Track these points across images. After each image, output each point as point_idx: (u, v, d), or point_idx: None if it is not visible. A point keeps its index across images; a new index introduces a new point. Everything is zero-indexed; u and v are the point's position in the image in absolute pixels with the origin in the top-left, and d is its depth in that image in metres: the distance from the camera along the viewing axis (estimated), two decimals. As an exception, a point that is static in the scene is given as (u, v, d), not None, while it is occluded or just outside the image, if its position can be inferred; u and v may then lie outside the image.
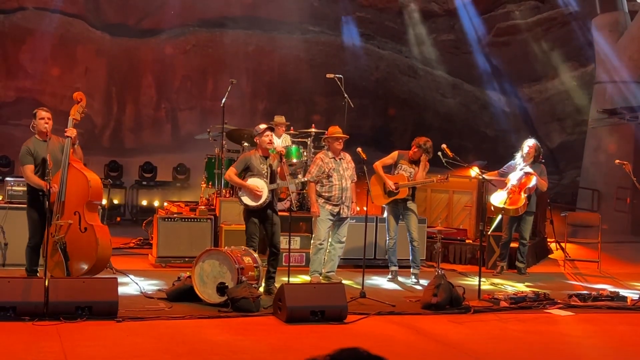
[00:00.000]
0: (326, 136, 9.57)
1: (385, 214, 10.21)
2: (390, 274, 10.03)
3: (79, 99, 8.30)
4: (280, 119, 11.43)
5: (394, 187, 9.76)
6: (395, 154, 10.06)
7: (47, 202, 7.60)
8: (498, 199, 10.56)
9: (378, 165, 9.95)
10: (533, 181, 10.53)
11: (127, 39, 18.02)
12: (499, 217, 10.87)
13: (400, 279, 9.99)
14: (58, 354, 6.06)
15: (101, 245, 7.99)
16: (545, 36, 19.48)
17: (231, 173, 8.66)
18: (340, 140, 9.45)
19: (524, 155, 10.72)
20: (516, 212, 10.55)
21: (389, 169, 10.08)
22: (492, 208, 10.67)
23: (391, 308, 8.12)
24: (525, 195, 10.53)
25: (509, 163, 10.92)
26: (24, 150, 8.03)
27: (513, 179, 10.61)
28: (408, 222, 9.93)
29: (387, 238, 10.04)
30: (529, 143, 10.79)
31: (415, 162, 9.88)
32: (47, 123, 8.04)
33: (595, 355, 7.04)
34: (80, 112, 8.24)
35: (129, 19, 18.18)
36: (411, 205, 9.93)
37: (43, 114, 8.08)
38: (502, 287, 9.80)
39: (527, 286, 9.82)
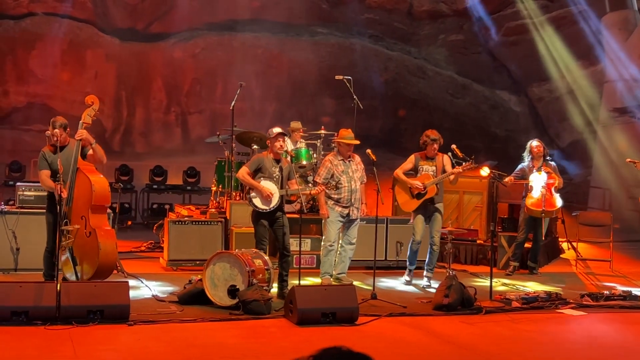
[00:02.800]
0: (337, 139, 9.48)
1: (412, 217, 9.88)
2: (407, 273, 9.89)
3: (91, 102, 8.29)
4: (296, 124, 11.38)
5: (421, 187, 9.54)
6: (412, 157, 9.84)
7: (58, 207, 7.64)
8: (535, 202, 10.51)
9: (399, 172, 9.75)
10: (557, 180, 10.58)
11: (136, 43, 18.06)
12: (547, 220, 10.83)
13: (418, 280, 9.97)
14: (71, 358, 6.08)
15: (103, 250, 7.95)
16: (554, 35, 19.41)
17: (244, 172, 8.65)
18: (352, 146, 9.40)
19: (535, 156, 10.71)
20: (551, 214, 10.58)
21: (411, 175, 9.80)
22: (527, 210, 10.64)
23: (402, 309, 8.11)
24: (558, 194, 10.57)
25: (520, 166, 10.88)
26: (41, 156, 8.11)
27: (539, 181, 10.55)
28: (433, 224, 9.69)
29: (413, 241, 9.76)
30: (535, 143, 10.79)
31: (433, 159, 9.69)
32: (62, 136, 8.02)
33: (607, 355, 7.00)
34: (91, 115, 8.23)
35: (137, 24, 18.22)
36: (440, 206, 9.72)
37: (57, 130, 7.98)
38: (514, 287, 9.77)
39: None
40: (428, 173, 9.64)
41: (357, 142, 9.43)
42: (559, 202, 10.62)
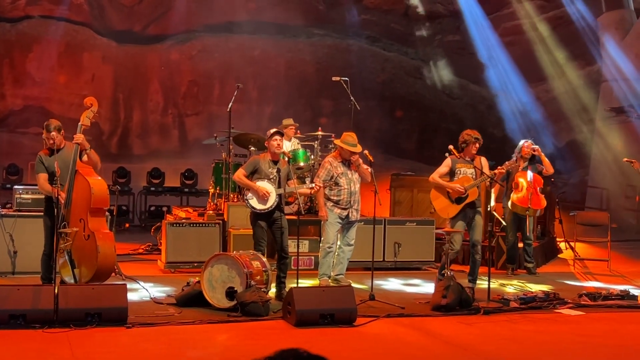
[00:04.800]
0: (339, 143, 9.29)
1: (450, 224, 9.19)
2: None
3: (89, 104, 8.28)
4: (288, 121, 11.38)
5: (462, 190, 8.91)
6: (448, 160, 9.12)
7: (56, 210, 7.63)
8: (522, 198, 10.54)
9: (434, 176, 9.10)
10: (541, 182, 10.64)
11: (133, 45, 18.07)
12: (531, 218, 10.85)
13: (416, 280, 9.96)
14: (69, 361, 6.08)
15: (102, 253, 7.93)
16: (551, 35, 19.45)
17: (240, 174, 8.65)
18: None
19: (523, 155, 10.76)
20: (534, 212, 10.61)
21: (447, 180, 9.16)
22: (511, 206, 10.64)
23: (400, 310, 8.11)
24: (542, 194, 10.63)
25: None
26: (37, 160, 8.10)
27: (525, 179, 10.62)
28: (474, 229, 9.09)
29: (451, 250, 8.87)
30: (526, 144, 10.83)
31: (471, 161, 9.07)
32: (57, 138, 8.00)
33: (605, 354, 7.01)
34: (90, 117, 8.21)
35: (134, 26, 18.23)
36: (480, 209, 9.21)
37: (53, 133, 7.97)
38: (512, 287, 9.77)
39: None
40: (467, 175, 9.05)
41: (359, 150, 9.23)
42: (544, 202, 10.70)
